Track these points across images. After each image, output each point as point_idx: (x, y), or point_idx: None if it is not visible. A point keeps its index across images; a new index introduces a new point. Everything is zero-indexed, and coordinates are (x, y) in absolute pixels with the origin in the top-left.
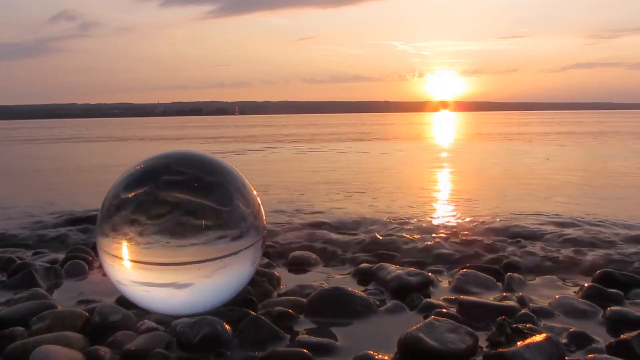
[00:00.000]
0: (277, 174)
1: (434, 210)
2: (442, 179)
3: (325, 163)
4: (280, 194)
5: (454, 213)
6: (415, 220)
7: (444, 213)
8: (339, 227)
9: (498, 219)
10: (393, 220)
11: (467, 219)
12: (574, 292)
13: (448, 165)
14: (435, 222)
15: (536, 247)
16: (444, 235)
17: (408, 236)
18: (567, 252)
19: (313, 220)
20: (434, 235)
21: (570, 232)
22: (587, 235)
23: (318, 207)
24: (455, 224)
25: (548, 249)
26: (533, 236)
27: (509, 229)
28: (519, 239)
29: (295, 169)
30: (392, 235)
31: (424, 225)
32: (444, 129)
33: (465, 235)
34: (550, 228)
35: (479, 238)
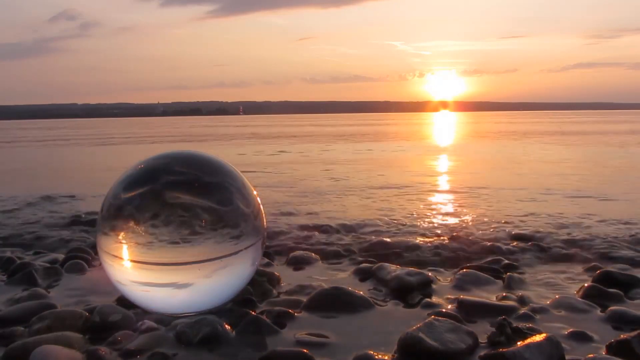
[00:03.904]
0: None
1: (434, 210)
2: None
3: None
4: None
5: (455, 212)
6: (416, 220)
7: (445, 213)
8: (339, 227)
9: (500, 219)
10: (393, 220)
11: (468, 219)
12: (574, 292)
13: None
14: (436, 222)
15: (537, 247)
16: (444, 234)
17: (409, 236)
18: (567, 251)
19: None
20: (435, 234)
21: (571, 232)
22: (588, 235)
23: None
24: (457, 224)
25: (549, 249)
26: (534, 236)
27: (509, 229)
28: (520, 238)
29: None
30: (392, 235)
31: (425, 224)
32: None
33: (466, 235)
34: (550, 228)
35: (480, 238)
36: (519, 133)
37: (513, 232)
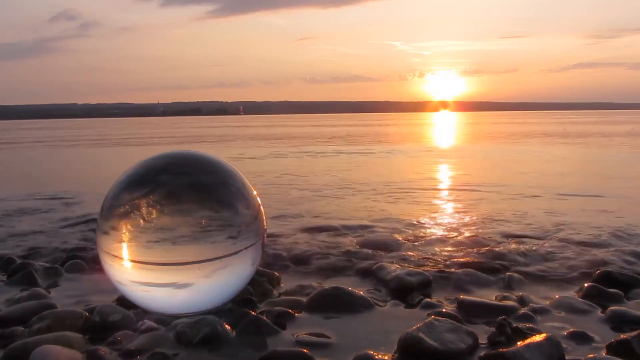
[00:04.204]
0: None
1: (435, 210)
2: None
3: None
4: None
5: (455, 213)
6: (415, 220)
7: (444, 213)
8: (340, 226)
9: (501, 219)
10: (393, 220)
11: (468, 219)
12: (574, 292)
13: None
14: (435, 222)
15: (537, 247)
16: (445, 234)
17: (408, 236)
18: (567, 251)
19: (315, 221)
20: (434, 234)
21: (571, 232)
22: (587, 235)
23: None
24: (456, 224)
25: (548, 249)
26: (534, 236)
27: (510, 229)
28: (520, 238)
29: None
30: (393, 234)
31: (424, 224)
32: None
33: (466, 234)
34: (550, 228)
35: (479, 238)
36: (521, 134)
37: (514, 232)
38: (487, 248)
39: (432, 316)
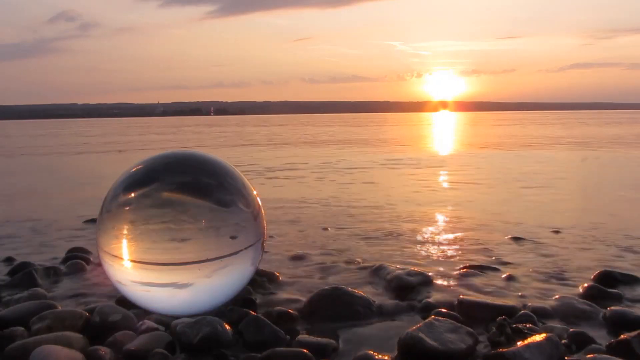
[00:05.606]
0: None
1: (434, 211)
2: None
3: None
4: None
5: (455, 214)
6: (416, 220)
7: (444, 213)
8: (339, 227)
9: (500, 221)
10: (393, 221)
11: (468, 220)
12: (574, 292)
13: None
14: (436, 222)
15: (537, 247)
16: (444, 235)
17: (408, 236)
18: (568, 251)
19: (315, 220)
20: (434, 235)
21: (571, 232)
22: (587, 235)
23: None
24: (456, 224)
25: (548, 249)
26: (534, 236)
27: (510, 230)
28: (519, 239)
29: None
30: (393, 235)
31: (424, 224)
32: None
33: (467, 235)
34: (551, 229)
35: (479, 238)
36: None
37: (513, 234)
38: (487, 248)
39: (432, 316)
